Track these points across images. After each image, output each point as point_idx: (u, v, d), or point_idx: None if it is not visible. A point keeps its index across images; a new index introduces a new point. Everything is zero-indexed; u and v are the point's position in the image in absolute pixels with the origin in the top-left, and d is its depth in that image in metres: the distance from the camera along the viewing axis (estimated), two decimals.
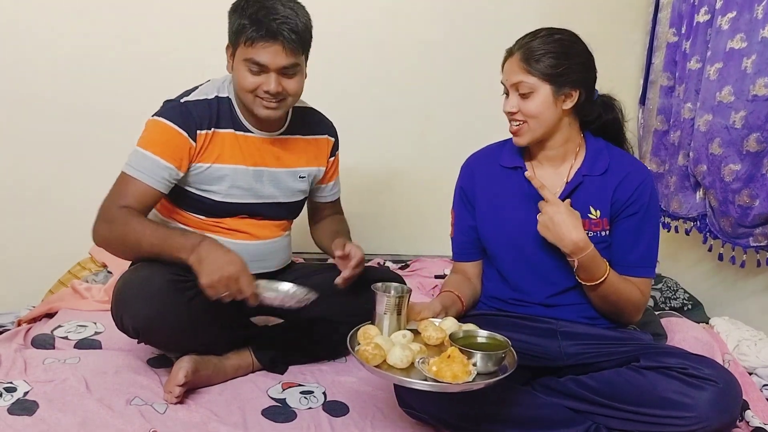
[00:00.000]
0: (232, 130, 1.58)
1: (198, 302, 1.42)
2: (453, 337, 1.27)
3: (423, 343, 1.30)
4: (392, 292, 1.35)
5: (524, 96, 1.44)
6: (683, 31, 2.23)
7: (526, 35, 1.47)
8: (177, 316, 1.41)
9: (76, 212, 2.40)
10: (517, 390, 1.36)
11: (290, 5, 1.48)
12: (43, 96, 2.36)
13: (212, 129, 1.55)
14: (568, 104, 1.46)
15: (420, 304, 1.41)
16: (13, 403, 1.38)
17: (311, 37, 1.54)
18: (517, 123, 1.48)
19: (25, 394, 1.42)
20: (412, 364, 1.22)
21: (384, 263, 2.45)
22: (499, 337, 1.29)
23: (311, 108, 1.75)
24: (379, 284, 1.36)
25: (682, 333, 1.81)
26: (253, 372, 1.60)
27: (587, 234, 1.47)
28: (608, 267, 1.44)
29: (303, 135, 1.71)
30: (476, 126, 2.26)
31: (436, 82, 2.54)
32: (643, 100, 2.49)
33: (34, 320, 1.89)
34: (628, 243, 1.49)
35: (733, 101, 1.91)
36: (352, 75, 2.48)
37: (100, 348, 1.68)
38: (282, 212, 1.70)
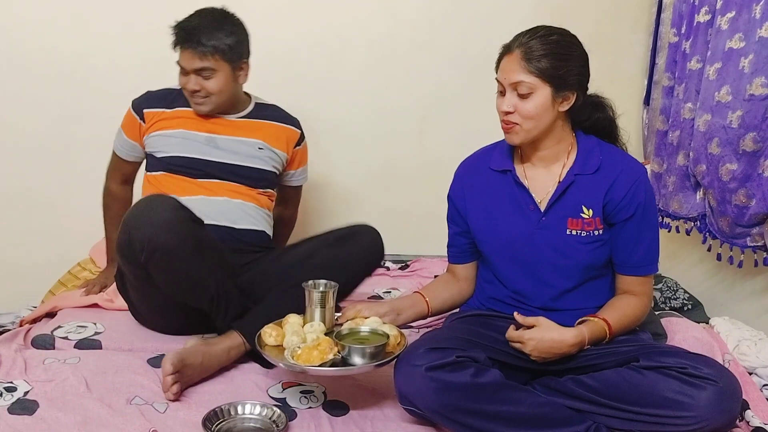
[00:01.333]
0: (190, 109, 1.83)
1: (201, 230, 1.61)
2: (339, 333, 1.39)
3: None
4: (321, 288, 1.46)
5: (523, 96, 1.41)
6: (683, 31, 2.23)
7: (525, 33, 1.44)
8: (186, 230, 1.51)
9: (76, 213, 2.43)
10: (517, 389, 1.36)
11: (219, 19, 1.73)
12: (42, 96, 2.37)
13: (166, 108, 1.85)
14: (565, 106, 1.45)
15: (364, 304, 1.51)
16: (13, 403, 1.38)
17: (235, 47, 1.75)
18: (510, 123, 1.45)
19: (26, 393, 1.42)
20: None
21: (384, 263, 2.45)
22: (380, 332, 1.39)
23: (275, 105, 1.93)
24: (310, 282, 1.47)
25: (682, 333, 1.81)
26: (246, 352, 1.60)
27: (580, 234, 1.47)
28: (604, 319, 1.43)
29: (265, 120, 1.91)
30: (474, 125, 2.26)
31: (434, 81, 2.54)
32: (647, 101, 2.49)
33: (35, 320, 1.89)
34: (631, 246, 1.48)
35: (731, 101, 1.91)
36: (349, 75, 2.48)
37: (100, 348, 1.68)
38: (247, 176, 1.85)
